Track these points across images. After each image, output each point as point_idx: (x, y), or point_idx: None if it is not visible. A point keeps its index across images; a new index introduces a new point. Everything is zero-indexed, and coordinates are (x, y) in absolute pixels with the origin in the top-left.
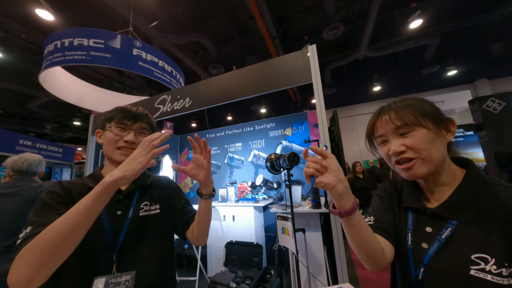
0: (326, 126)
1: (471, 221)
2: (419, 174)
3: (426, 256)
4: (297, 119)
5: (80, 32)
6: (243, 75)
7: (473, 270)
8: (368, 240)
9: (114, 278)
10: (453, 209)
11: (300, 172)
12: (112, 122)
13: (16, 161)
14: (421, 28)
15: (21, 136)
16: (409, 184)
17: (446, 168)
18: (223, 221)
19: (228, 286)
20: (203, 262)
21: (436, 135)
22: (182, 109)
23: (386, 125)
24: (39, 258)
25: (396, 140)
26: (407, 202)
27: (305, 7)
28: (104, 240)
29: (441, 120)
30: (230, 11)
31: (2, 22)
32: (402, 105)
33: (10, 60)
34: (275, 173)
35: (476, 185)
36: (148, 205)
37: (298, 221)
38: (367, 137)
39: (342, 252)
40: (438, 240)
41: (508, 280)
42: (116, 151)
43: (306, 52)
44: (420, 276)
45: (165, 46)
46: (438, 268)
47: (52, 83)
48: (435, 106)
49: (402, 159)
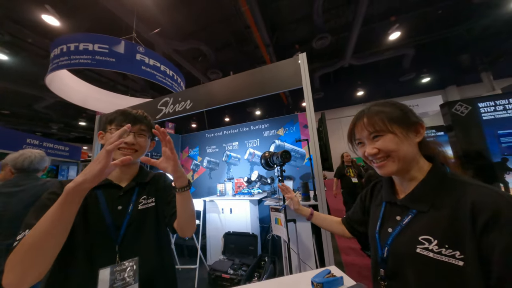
0: (315, 126)
1: (427, 210)
2: (390, 171)
3: (390, 238)
4: (289, 120)
5: (86, 37)
6: (240, 80)
7: (418, 248)
8: (330, 227)
9: (118, 266)
10: (414, 200)
11: (292, 169)
12: (113, 124)
13: (17, 159)
14: (399, 39)
15: (28, 136)
16: (386, 181)
17: (415, 165)
18: (221, 214)
19: (226, 273)
20: (203, 251)
21: (403, 138)
22: (183, 111)
23: (361, 130)
24: (22, 262)
25: (370, 143)
26: (384, 197)
27: (297, 18)
28: (107, 234)
29: (410, 124)
30: (227, 20)
31: (10, 26)
32: (373, 111)
33: (17, 63)
34: (269, 169)
35: (435, 179)
36: (145, 199)
37: (290, 213)
38: (348, 139)
39: (329, 240)
40: (400, 225)
41: (448, 259)
42: (117, 152)
43: (297, 60)
44: (385, 254)
45: (167, 52)
46: (396, 247)
47: (58, 85)
48: (405, 110)
49: (376, 159)
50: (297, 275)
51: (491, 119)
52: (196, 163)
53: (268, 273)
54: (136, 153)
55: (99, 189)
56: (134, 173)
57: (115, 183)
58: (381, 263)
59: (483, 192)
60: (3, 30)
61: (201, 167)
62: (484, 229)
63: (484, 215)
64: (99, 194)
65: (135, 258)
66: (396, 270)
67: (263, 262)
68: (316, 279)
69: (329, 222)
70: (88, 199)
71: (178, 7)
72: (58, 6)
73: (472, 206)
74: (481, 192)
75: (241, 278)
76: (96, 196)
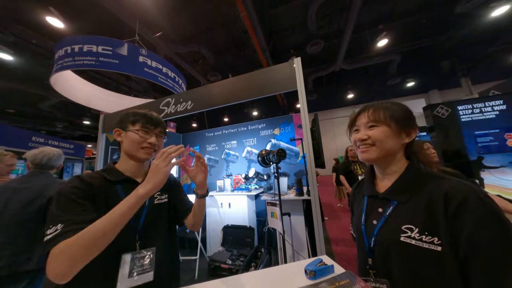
0: (308, 127)
1: (406, 202)
2: (370, 157)
3: (375, 229)
4: (284, 120)
5: (89, 39)
6: (238, 82)
7: (402, 236)
8: None
9: (138, 254)
10: (394, 192)
11: (287, 166)
12: (137, 125)
13: (37, 155)
14: (386, 46)
15: (33, 134)
16: (367, 177)
17: (395, 161)
18: (220, 208)
19: (225, 263)
20: (203, 243)
21: (394, 134)
22: (185, 111)
23: (362, 118)
24: (80, 253)
25: (364, 130)
26: (365, 191)
27: (292, 25)
28: (128, 224)
29: (406, 125)
30: (227, 25)
31: (14, 28)
32: (381, 106)
33: (22, 63)
34: (265, 167)
35: (412, 174)
36: (160, 195)
37: (285, 207)
38: (349, 126)
39: (321, 232)
40: (383, 217)
41: (428, 245)
42: (141, 151)
43: (292, 64)
44: (372, 244)
45: (169, 55)
46: (382, 237)
47: (62, 85)
48: (409, 113)
49: (363, 144)
50: (291, 264)
51: (469, 121)
52: None
53: (264, 263)
54: (155, 152)
55: (119, 184)
56: (147, 171)
57: (132, 178)
58: (368, 253)
59: (453, 184)
60: (8, 31)
61: None
62: (454, 215)
63: (454, 203)
64: (118, 188)
65: (152, 248)
66: (382, 258)
67: (260, 253)
68: (309, 267)
69: None
70: (109, 193)
71: (179, 12)
72: (62, 9)
73: (444, 196)
74: (452, 184)
75: (239, 268)
76: (116, 190)
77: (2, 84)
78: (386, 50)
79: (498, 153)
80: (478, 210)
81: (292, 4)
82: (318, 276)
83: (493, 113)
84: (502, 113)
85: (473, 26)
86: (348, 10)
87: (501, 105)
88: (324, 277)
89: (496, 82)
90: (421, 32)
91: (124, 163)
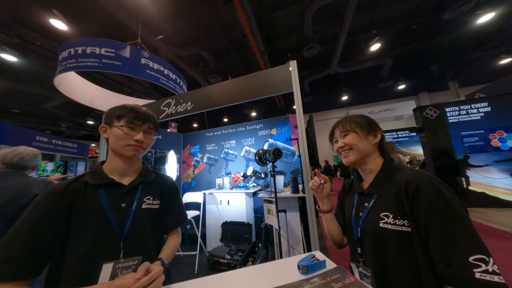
0: (304, 127)
1: (382, 194)
2: (351, 160)
3: (361, 220)
4: (281, 121)
5: (92, 42)
6: (237, 84)
7: (381, 223)
8: (332, 230)
9: (121, 263)
10: (374, 187)
11: (283, 164)
12: (122, 121)
13: (7, 154)
14: (379, 51)
15: (37, 133)
16: (355, 177)
17: (372, 160)
18: (219, 205)
19: (224, 258)
20: (202, 239)
21: (363, 137)
22: (185, 112)
23: (337, 131)
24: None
25: (341, 139)
26: (356, 189)
27: (289, 29)
28: (112, 230)
29: (370, 129)
30: (226, 29)
31: (18, 30)
32: (348, 120)
33: (26, 64)
34: (262, 165)
35: (386, 171)
36: (151, 200)
37: (281, 204)
38: (329, 139)
39: (315, 228)
40: (367, 209)
41: (401, 228)
42: (126, 148)
43: (289, 66)
44: (359, 234)
45: (170, 57)
46: (365, 226)
47: (66, 86)
48: (369, 120)
49: (343, 151)
50: (285, 259)
51: (456, 122)
52: (197, 159)
53: (261, 257)
54: (143, 150)
55: (101, 189)
56: (137, 168)
57: (117, 182)
58: (357, 242)
59: (412, 173)
60: (12, 32)
61: (201, 163)
62: (412, 198)
63: (411, 188)
64: (101, 193)
65: (139, 256)
66: (368, 245)
67: (257, 248)
68: (302, 263)
69: (337, 226)
70: (90, 199)
71: (181, 16)
72: (65, 12)
73: (405, 183)
74: (411, 173)
75: (237, 263)
76: (98, 195)
77: (7, 84)
78: (378, 54)
79: (483, 153)
80: (429, 192)
81: (289, 10)
82: (311, 271)
83: (478, 115)
84: (487, 114)
85: (461, 32)
86: (342, 16)
87: (486, 107)
88: (316, 272)
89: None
90: (412, 37)
91: (111, 162)
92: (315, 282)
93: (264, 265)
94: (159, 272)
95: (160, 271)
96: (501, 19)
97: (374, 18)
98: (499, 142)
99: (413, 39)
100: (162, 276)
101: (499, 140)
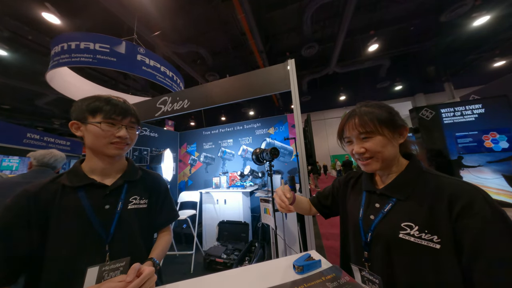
0: (301, 127)
1: (405, 199)
2: (373, 168)
3: (373, 224)
4: (279, 120)
5: (86, 36)
6: (234, 82)
7: (401, 234)
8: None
9: (107, 266)
10: (393, 189)
11: (281, 164)
12: (98, 116)
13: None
14: (377, 51)
15: (28, 130)
16: (366, 174)
17: (396, 163)
18: (216, 204)
19: (220, 257)
20: (199, 238)
21: (389, 140)
22: (181, 110)
23: (352, 130)
24: None
25: (358, 143)
26: (364, 187)
27: (288, 28)
28: (95, 234)
29: (396, 126)
30: (225, 26)
31: (9, 23)
32: (364, 112)
33: (17, 59)
34: (259, 164)
35: (412, 173)
36: (137, 199)
37: None
38: (338, 136)
39: (311, 227)
40: (381, 213)
41: (427, 243)
42: (109, 146)
43: (287, 65)
44: (368, 239)
45: (167, 54)
46: (379, 233)
47: (59, 82)
48: (392, 113)
49: (362, 158)
50: (281, 259)
51: (450, 123)
52: (193, 158)
53: (258, 256)
54: (128, 146)
55: (81, 191)
56: (122, 167)
57: (98, 182)
58: (364, 246)
59: (459, 184)
60: (2, 26)
61: (198, 162)
62: (459, 215)
63: (459, 204)
64: (81, 195)
65: (126, 258)
66: (379, 252)
67: (254, 247)
68: (297, 263)
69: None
70: (69, 203)
71: (178, 13)
72: (59, 5)
73: (450, 197)
74: (457, 183)
75: (233, 262)
76: (78, 198)
77: None
78: (376, 55)
79: (476, 153)
80: (484, 213)
81: (288, 8)
82: (306, 271)
83: (472, 116)
84: (481, 116)
85: (457, 35)
86: (341, 16)
87: (480, 108)
88: (312, 271)
89: (476, 87)
90: (409, 38)
91: (90, 161)
92: (310, 282)
93: (259, 265)
94: (151, 272)
95: (151, 272)
96: (495, 22)
97: (372, 19)
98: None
99: (410, 41)
100: (154, 276)
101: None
